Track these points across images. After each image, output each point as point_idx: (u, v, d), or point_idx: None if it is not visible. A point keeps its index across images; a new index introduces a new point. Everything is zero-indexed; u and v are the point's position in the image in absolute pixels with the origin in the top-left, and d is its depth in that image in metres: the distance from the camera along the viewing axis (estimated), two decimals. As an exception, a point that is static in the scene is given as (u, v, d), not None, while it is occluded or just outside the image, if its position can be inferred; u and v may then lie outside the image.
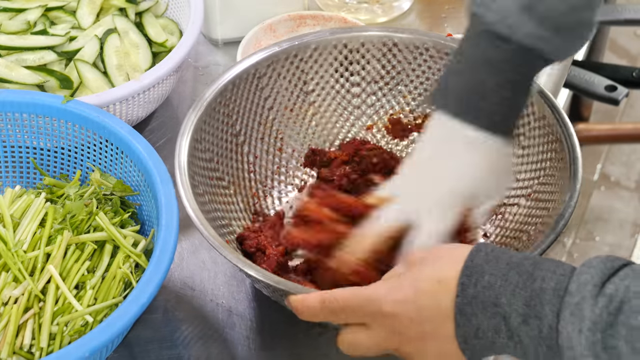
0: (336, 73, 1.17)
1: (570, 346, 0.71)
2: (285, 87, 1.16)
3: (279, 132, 1.17)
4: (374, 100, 1.19)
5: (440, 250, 0.82)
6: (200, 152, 1.06)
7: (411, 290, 0.79)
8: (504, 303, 0.75)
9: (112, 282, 0.96)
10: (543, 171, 1.05)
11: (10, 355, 0.90)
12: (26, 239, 0.97)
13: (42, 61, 1.22)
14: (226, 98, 1.11)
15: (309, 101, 1.18)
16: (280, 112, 1.17)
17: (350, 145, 1.16)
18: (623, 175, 2.63)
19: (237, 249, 1.05)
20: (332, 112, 1.19)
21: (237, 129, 1.13)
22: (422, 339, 0.80)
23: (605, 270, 0.72)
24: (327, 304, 0.83)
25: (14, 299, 0.93)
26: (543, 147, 1.05)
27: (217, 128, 1.10)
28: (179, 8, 1.32)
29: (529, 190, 1.06)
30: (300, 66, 1.16)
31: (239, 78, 1.12)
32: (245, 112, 1.14)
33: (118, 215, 1.03)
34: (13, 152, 1.11)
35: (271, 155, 1.16)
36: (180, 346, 1.01)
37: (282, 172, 1.17)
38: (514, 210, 1.07)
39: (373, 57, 1.17)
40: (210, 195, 1.05)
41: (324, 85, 1.18)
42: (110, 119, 1.05)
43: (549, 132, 1.04)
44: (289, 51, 1.15)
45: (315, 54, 1.16)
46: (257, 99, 1.14)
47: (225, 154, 1.11)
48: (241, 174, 1.13)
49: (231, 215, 1.09)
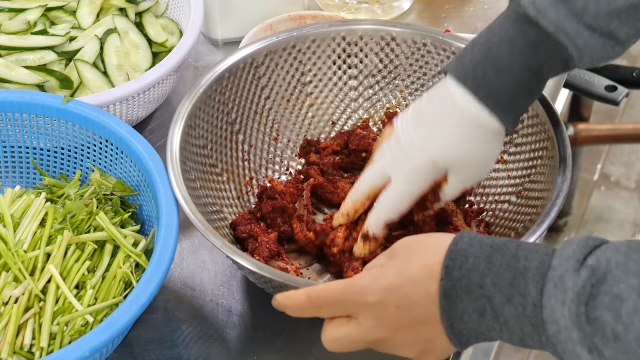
0: (334, 65, 1.18)
1: (554, 320, 0.71)
2: (282, 78, 1.17)
3: (275, 121, 1.17)
4: (370, 94, 1.19)
5: (424, 237, 0.82)
6: (193, 139, 1.06)
7: (397, 277, 0.79)
8: (488, 284, 0.75)
9: (113, 281, 0.96)
10: (534, 169, 1.05)
11: (10, 355, 0.90)
12: (26, 238, 0.97)
13: (42, 61, 1.22)
14: (222, 86, 1.11)
15: (306, 92, 1.18)
16: (277, 102, 1.17)
17: (342, 136, 1.17)
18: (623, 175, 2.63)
19: (229, 235, 1.05)
20: (329, 104, 1.19)
21: (233, 117, 1.13)
22: (410, 326, 0.79)
23: (586, 246, 0.72)
24: (312, 299, 0.82)
25: (14, 299, 0.93)
26: (535, 145, 1.06)
27: (212, 115, 1.10)
28: (179, 8, 1.32)
29: (519, 187, 1.06)
30: (299, 57, 1.16)
31: (236, 67, 1.12)
32: (241, 100, 1.14)
33: (118, 215, 1.03)
34: (13, 152, 1.11)
35: (266, 144, 1.17)
36: (180, 346, 1.01)
37: (276, 162, 1.17)
38: (504, 207, 1.07)
39: (371, 51, 1.17)
40: (203, 181, 1.06)
41: (322, 77, 1.18)
42: (110, 119, 1.06)
43: (541, 130, 1.05)
44: (287, 42, 1.15)
45: (313, 45, 1.16)
46: (254, 88, 1.15)
47: (219, 141, 1.12)
48: (235, 162, 1.13)
49: (223, 202, 1.09)
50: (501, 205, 1.08)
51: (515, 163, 1.09)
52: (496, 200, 1.10)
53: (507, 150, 1.10)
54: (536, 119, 1.05)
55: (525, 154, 1.08)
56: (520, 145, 1.08)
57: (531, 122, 1.07)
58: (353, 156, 1.17)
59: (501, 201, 1.09)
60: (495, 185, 1.11)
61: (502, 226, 1.06)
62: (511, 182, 1.08)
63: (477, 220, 1.09)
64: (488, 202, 1.11)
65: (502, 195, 1.09)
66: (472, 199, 1.12)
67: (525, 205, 1.03)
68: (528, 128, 1.07)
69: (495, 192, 1.10)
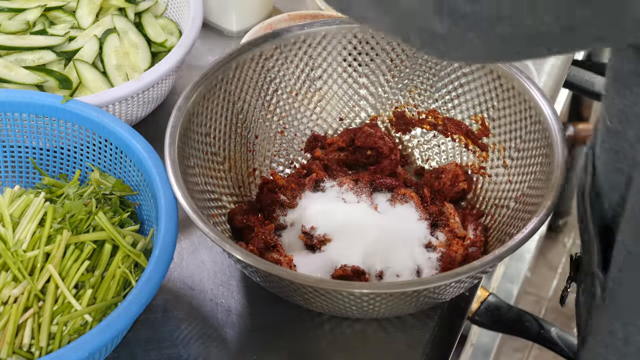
0: (344, 62, 1.18)
1: None
2: (292, 72, 1.16)
3: (282, 115, 1.17)
4: (380, 92, 1.19)
5: None
6: (196, 126, 1.06)
7: None
8: None
9: (112, 281, 0.96)
10: (533, 175, 1.05)
11: (9, 355, 0.90)
12: (25, 238, 0.97)
13: (41, 61, 1.22)
14: (229, 76, 1.11)
15: (315, 87, 1.18)
16: (286, 96, 1.17)
17: (349, 133, 1.17)
18: (623, 175, 2.62)
19: (224, 223, 1.06)
20: (337, 100, 1.19)
21: (239, 108, 1.13)
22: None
23: None
24: None
25: (13, 299, 0.93)
26: (535, 151, 1.05)
27: (217, 104, 1.10)
28: (179, 8, 1.32)
29: (519, 192, 1.06)
30: (309, 52, 1.16)
31: (245, 58, 1.12)
32: (249, 91, 1.14)
33: (117, 214, 1.03)
34: (12, 152, 1.11)
35: (272, 136, 1.17)
36: (179, 346, 1.01)
37: (282, 155, 1.17)
38: (503, 212, 1.07)
39: (382, 50, 1.17)
40: (202, 168, 1.06)
41: (332, 72, 1.18)
42: (110, 119, 1.05)
43: (543, 136, 1.04)
44: (298, 36, 1.15)
45: (324, 41, 1.16)
46: (262, 81, 1.15)
47: (224, 130, 1.11)
48: (239, 152, 1.13)
49: (222, 190, 1.09)
50: (500, 210, 1.08)
51: (516, 168, 1.09)
52: (496, 204, 1.09)
53: (510, 154, 1.10)
54: (539, 125, 1.05)
55: (526, 159, 1.07)
56: (523, 150, 1.08)
57: (534, 127, 1.06)
58: (358, 153, 1.17)
59: (501, 206, 1.09)
60: (497, 189, 1.10)
61: (499, 230, 1.06)
62: (511, 186, 1.08)
63: (475, 223, 1.08)
64: (488, 206, 1.10)
65: (502, 200, 1.09)
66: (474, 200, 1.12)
67: (522, 210, 1.03)
68: (531, 134, 1.07)
69: (496, 196, 1.10)
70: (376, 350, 1.01)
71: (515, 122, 1.09)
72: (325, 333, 1.02)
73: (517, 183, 1.07)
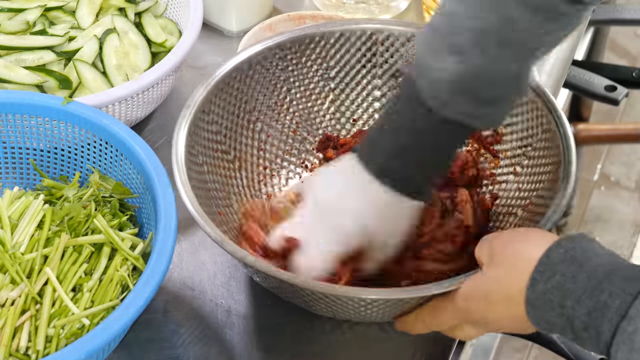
0: (359, 64, 1.17)
1: None
2: (306, 72, 1.16)
3: (295, 114, 1.17)
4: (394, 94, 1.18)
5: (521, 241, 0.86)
6: (206, 124, 1.06)
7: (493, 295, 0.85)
8: (568, 306, 0.77)
9: (110, 284, 0.95)
10: (541, 184, 1.04)
11: (6, 357, 0.90)
12: (24, 240, 0.97)
13: (41, 61, 1.22)
14: (242, 75, 1.11)
15: (330, 87, 1.18)
16: (299, 95, 1.17)
17: (362, 134, 1.16)
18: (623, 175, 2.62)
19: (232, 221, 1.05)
20: (351, 101, 1.19)
21: (252, 106, 1.13)
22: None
23: None
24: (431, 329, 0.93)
25: (10, 301, 0.93)
26: (546, 159, 1.05)
27: (228, 102, 1.10)
28: (179, 8, 1.32)
29: (527, 201, 1.06)
30: (324, 52, 1.16)
31: (258, 57, 1.12)
32: (262, 90, 1.13)
33: (116, 217, 1.02)
34: (13, 153, 1.11)
35: (284, 136, 1.16)
36: (179, 347, 1.01)
37: (293, 154, 1.17)
38: (510, 219, 1.07)
39: (397, 52, 1.16)
40: (211, 166, 1.06)
41: (346, 73, 1.17)
42: (110, 121, 1.05)
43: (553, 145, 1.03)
44: (313, 36, 1.15)
45: (339, 42, 1.15)
46: (275, 80, 1.14)
47: (235, 129, 1.11)
48: (250, 151, 1.13)
49: (231, 189, 1.09)
50: (508, 217, 1.07)
51: (526, 176, 1.08)
52: (504, 212, 1.09)
53: (521, 162, 1.09)
54: (548, 134, 1.04)
55: (536, 167, 1.06)
56: (534, 158, 1.07)
57: (545, 136, 1.05)
58: None
59: (509, 213, 1.08)
60: (505, 197, 1.10)
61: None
62: (520, 194, 1.07)
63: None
64: (496, 214, 1.10)
65: (510, 208, 1.08)
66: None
67: (528, 219, 1.02)
68: (542, 142, 1.06)
69: (504, 203, 1.09)
70: (376, 351, 1.01)
71: (528, 130, 1.08)
72: (326, 334, 1.03)
73: (527, 191, 1.07)
